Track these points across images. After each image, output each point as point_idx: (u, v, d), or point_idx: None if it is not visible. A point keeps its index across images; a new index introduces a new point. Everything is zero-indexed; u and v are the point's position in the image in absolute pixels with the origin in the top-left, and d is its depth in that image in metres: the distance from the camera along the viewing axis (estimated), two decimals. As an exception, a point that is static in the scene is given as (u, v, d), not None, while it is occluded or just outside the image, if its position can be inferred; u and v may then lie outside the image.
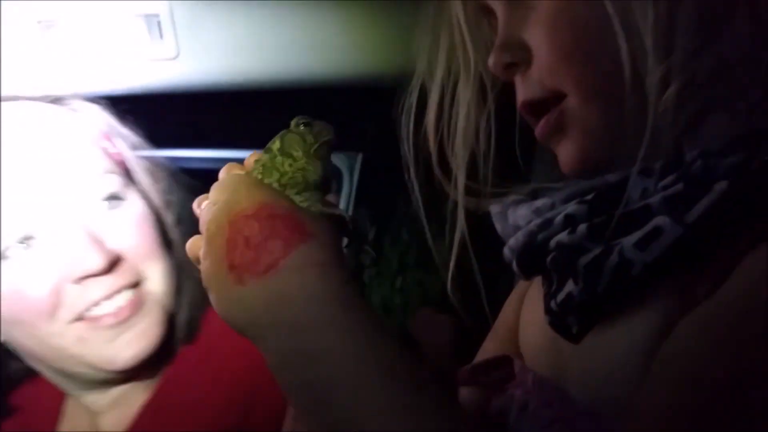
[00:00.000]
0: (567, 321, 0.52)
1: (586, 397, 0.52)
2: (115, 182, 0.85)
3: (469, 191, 0.65)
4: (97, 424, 0.90)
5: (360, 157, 1.57)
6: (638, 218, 0.48)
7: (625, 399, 0.44)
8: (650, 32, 0.47)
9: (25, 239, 0.80)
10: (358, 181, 1.61)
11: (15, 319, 0.82)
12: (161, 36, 0.98)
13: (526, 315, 0.68)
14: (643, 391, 0.42)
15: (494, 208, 0.64)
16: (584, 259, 0.49)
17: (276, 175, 0.56)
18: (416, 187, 0.66)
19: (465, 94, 0.65)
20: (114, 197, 0.84)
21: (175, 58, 0.99)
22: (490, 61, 0.57)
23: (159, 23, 0.97)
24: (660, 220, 0.46)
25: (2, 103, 0.84)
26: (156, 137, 0.93)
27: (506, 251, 0.61)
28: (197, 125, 1.31)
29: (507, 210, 0.62)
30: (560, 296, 0.51)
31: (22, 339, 0.84)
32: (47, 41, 0.98)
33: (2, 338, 0.85)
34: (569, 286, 0.51)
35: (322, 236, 0.51)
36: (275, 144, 0.58)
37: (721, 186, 0.44)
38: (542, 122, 0.56)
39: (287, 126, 0.60)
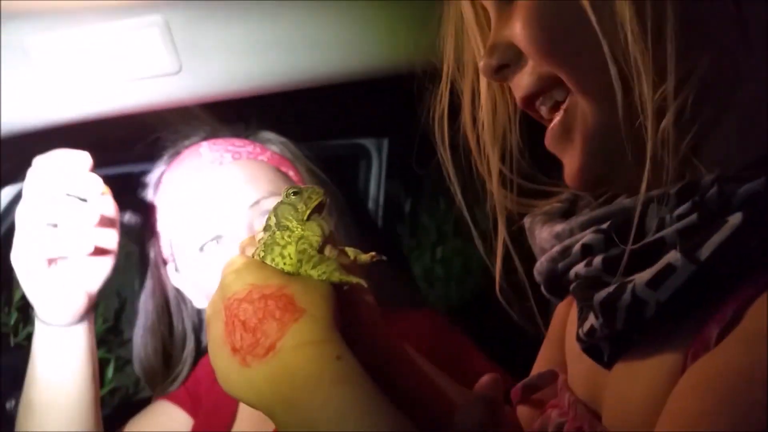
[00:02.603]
0: (598, 347, 0.52)
1: (616, 422, 0.52)
2: None
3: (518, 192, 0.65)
4: None
5: (386, 141, 1.64)
6: (652, 252, 0.47)
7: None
8: (638, 42, 0.45)
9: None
10: (387, 161, 1.66)
11: None
12: (164, 50, 0.95)
13: (570, 328, 0.67)
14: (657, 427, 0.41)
15: (526, 222, 0.64)
16: (599, 296, 0.49)
17: (278, 249, 0.57)
18: (458, 190, 0.67)
19: (488, 91, 0.64)
20: None
21: (177, 73, 0.96)
22: (480, 65, 0.56)
23: (159, 37, 0.94)
24: (672, 256, 0.45)
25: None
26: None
27: (536, 273, 0.62)
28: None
29: (534, 228, 0.61)
30: (585, 326, 0.52)
31: None
32: (46, 66, 0.95)
33: None
34: (591, 319, 0.51)
35: (313, 308, 0.53)
36: (271, 220, 0.60)
37: (735, 219, 0.42)
38: (550, 127, 0.55)
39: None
